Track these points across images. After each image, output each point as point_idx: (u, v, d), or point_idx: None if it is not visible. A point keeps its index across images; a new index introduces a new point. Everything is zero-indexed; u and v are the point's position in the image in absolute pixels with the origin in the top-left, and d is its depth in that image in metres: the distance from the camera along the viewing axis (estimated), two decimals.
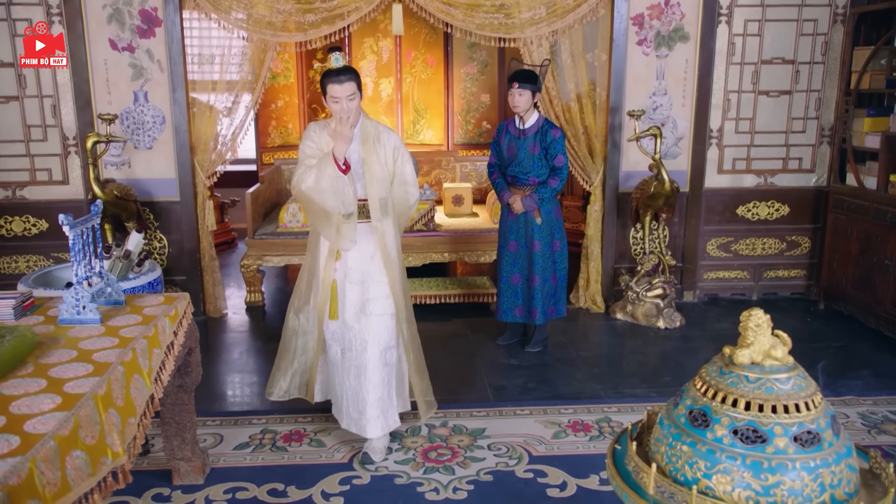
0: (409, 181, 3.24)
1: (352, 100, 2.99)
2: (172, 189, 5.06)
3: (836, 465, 1.67)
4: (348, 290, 3.17)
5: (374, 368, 3.14)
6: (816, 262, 5.55)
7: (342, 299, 3.18)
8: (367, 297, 3.16)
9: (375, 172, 3.11)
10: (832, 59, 5.27)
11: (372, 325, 3.15)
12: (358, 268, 3.16)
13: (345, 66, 2.99)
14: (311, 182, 3.01)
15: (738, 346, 1.84)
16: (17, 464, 1.54)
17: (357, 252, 3.16)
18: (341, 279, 3.17)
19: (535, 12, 4.94)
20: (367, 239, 3.16)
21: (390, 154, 3.18)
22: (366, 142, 3.11)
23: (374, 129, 3.16)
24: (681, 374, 4.12)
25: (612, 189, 5.29)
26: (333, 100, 2.98)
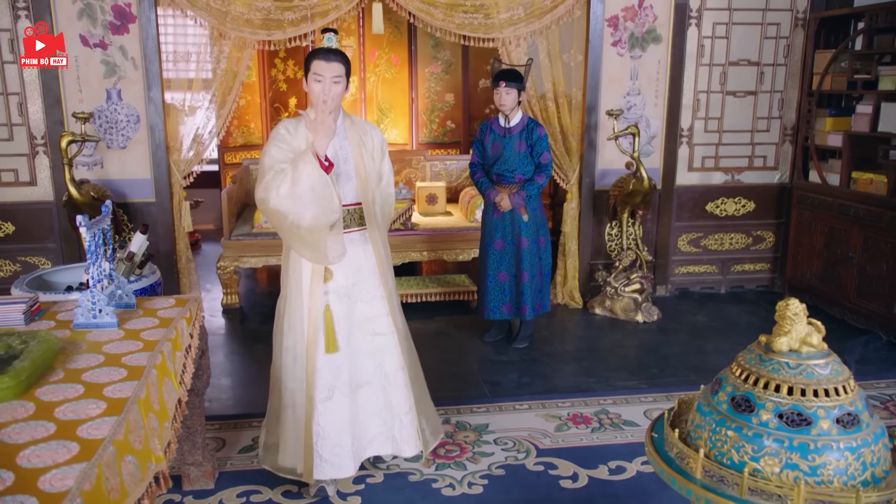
0: (391, 181, 2.95)
1: (336, 83, 2.60)
2: (147, 190, 4.93)
3: (874, 445, 1.77)
4: (341, 312, 2.75)
5: (398, 383, 2.85)
6: (780, 255, 5.79)
7: (342, 325, 2.75)
8: (366, 316, 2.79)
9: (367, 171, 2.77)
10: (794, 61, 5.50)
11: (379, 346, 2.83)
12: (349, 284, 2.76)
13: (337, 49, 2.66)
14: (285, 188, 2.50)
15: (774, 334, 1.91)
16: (87, 469, 1.51)
17: (348, 266, 2.74)
18: (334, 301, 2.73)
19: (513, 13, 5.01)
20: (359, 250, 2.78)
21: (378, 151, 2.85)
22: (351, 137, 2.75)
23: (359, 124, 2.84)
24: (666, 366, 4.25)
25: (589, 187, 5.40)
26: (316, 77, 2.59)
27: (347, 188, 2.74)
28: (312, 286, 2.71)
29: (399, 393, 2.87)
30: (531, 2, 4.99)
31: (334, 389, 2.75)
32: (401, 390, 2.87)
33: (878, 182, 4.70)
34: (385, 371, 2.85)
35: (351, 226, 2.77)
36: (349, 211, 2.75)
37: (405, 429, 2.88)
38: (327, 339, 2.72)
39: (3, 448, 1.59)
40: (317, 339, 2.72)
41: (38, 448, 1.59)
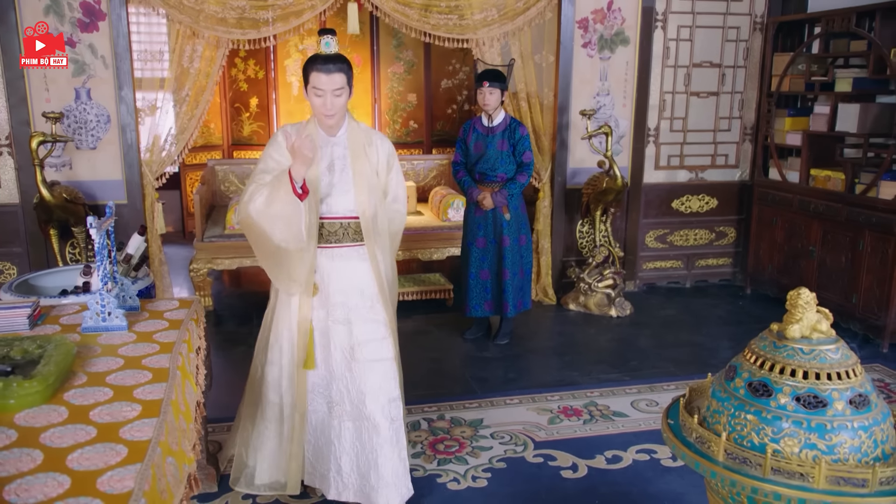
0: (400, 198, 2.75)
1: (338, 95, 2.47)
2: (119, 191, 4.82)
3: (884, 423, 1.89)
4: (333, 332, 2.60)
5: (380, 427, 2.57)
6: (741, 250, 6.01)
7: (325, 344, 2.62)
8: (358, 340, 2.60)
9: (368, 183, 2.57)
10: (753, 63, 5.73)
11: (367, 373, 2.59)
12: (343, 303, 2.60)
13: (336, 54, 2.49)
14: (259, 204, 2.44)
15: (785, 322, 2.02)
16: (143, 470, 1.50)
17: (338, 282, 2.60)
18: (322, 318, 2.61)
19: (487, 14, 5.08)
20: (352, 266, 2.60)
21: (384, 162, 2.66)
22: (354, 146, 2.58)
23: (364, 133, 2.65)
24: (645, 359, 4.38)
25: (561, 185, 5.52)
26: (316, 92, 2.47)
27: (343, 200, 2.57)
28: (301, 301, 2.60)
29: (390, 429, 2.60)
30: (504, 3, 5.07)
31: (321, 402, 2.67)
32: (393, 426, 2.61)
33: (836, 179, 4.94)
34: (377, 403, 2.59)
35: (344, 240, 2.60)
36: (342, 224, 2.59)
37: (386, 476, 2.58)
38: (307, 356, 2.61)
39: (50, 452, 1.56)
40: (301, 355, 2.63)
41: (84, 451, 1.57)
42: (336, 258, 2.60)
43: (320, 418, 2.67)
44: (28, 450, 1.57)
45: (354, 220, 2.60)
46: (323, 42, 2.51)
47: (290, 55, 8.08)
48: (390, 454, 2.58)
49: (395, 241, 2.80)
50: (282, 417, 2.70)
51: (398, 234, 2.81)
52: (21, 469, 1.49)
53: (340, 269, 2.60)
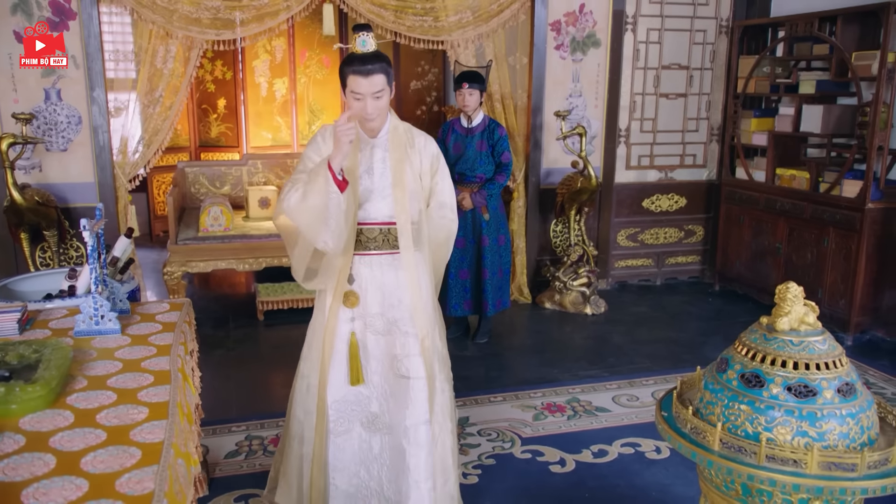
0: (447, 203, 2.53)
1: (378, 98, 2.28)
2: (91, 194, 4.73)
3: (868, 410, 1.98)
4: (371, 343, 2.45)
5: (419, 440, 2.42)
6: (709, 248, 6.16)
7: (365, 356, 2.45)
8: (396, 353, 2.45)
9: (407, 187, 2.39)
10: (719, 65, 5.88)
11: (406, 390, 2.43)
12: (381, 314, 2.44)
13: (374, 52, 2.27)
14: (294, 199, 2.27)
15: (774, 315, 2.09)
16: (160, 471, 1.50)
17: (377, 292, 2.44)
18: (360, 330, 2.44)
19: (461, 16, 5.12)
20: (390, 275, 2.44)
21: (427, 165, 2.48)
22: (396, 147, 2.40)
23: (406, 133, 2.45)
24: (622, 355, 4.47)
25: (535, 185, 5.59)
26: (355, 96, 2.27)
27: (381, 205, 2.40)
28: (332, 307, 2.44)
29: (420, 454, 2.42)
30: (479, 5, 5.12)
31: (353, 422, 2.46)
32: (423, 451, 2.42)
33: (801, 178, 5.10)
34: (407, 423, 2.42)
35: (383, 247, 2.43)
36: (381, 230, 2.42)
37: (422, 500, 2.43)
38: (352, 370, 2.43)
39: (62, 456, 1.55)
40: (329, 369, 2.44)
41: (97, 454, 1.56)
42: (375, 266, 2.43)
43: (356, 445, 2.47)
44: (39, 454, 1.56)
45: (391, 226, 2.42)
46: (359, 40, 2.28)
47: (258, 56, 8.02)
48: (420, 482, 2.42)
49: (441, 251, 2.61)
50: (303, 437, 2.49)
51: (445, 245, 2.60)
52: (35, 473, 1.48)
53: (379, 278, 2.43)
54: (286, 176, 6.61)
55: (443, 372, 2.52)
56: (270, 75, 8.12)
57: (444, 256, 2.65)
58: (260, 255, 5.19)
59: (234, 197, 6.35)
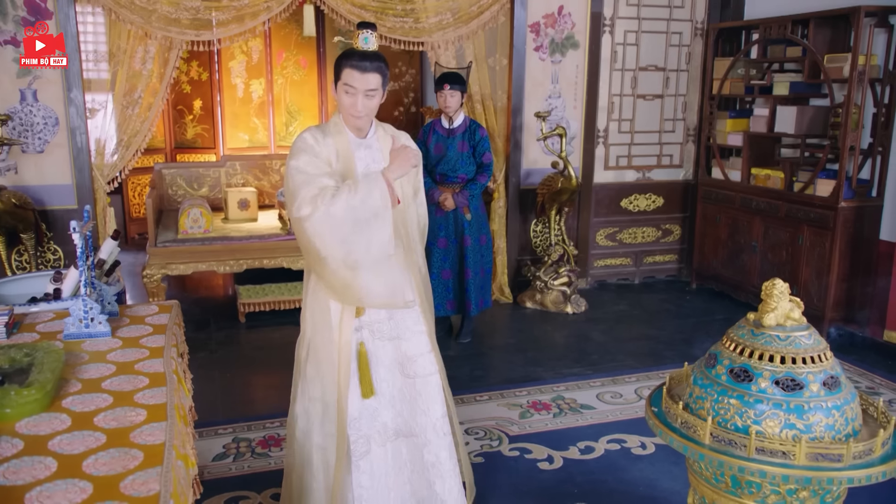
0: (423, 199, 2.58)
1: (370, 97, 2.24)
2: (69, 196, 4.67)
3: (853, 402, 2.04)
4: (379, 351, 2.39)
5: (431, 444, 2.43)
6: (686, 247, 6.26)
7: (374, 365, 2.37)
8: (407, 356, 2.41)
9: (403, 189, 2.40)
10: (694, 67, 5.97)
11: (421, 389, 2.42)
12: (390, 318, 2.39)
13: (375, 51, 2.26)
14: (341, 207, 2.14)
15: (761, 311, 2.15)
16: (164, 472, 1.50)
17: None
18: (368, 339, 2.38)
19: (442, 17, 5.14)
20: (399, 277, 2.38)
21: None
22: (386, 149, 2.39)
23: (392, 134, 2.43)
24: (605, 353, 4.52)
25: (515, 186, 5.63)
26: (347, 89, 2.22)
27: None
28: (343, 321, 2.33)
29: (443, 446, 2.45)
30: (459, 7, 5.15)
31: (370, 440, 2.38)
32: (444, 443, 2.46)
33: (776, 177, 5.21)
34: (430, 420, 2.43)
35: None
36: None
37: (451, 490, 2.46)
38: (363, 383, 2.34)
39: (63, 459, 1.54)
40: (349, 384, 2.33)
41: (99, 456, 1.56)
42: None
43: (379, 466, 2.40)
44: (39, 458, 1.55)
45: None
46: (361, 37, 2.26)
47: (234, 57, 7.96)
48: (447, 473, 2.45)
49: (423, 242, 2.60)
50: (329, 463, 2.34)
51: (424, 236, 2.61)
52: (37, 477, 1.47)
53: None
54: (265, 177, 6.58)
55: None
56: (247, 76, 8.07)
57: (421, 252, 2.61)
58: (241, 257, 5.16)
59: (212, 199, 6.30)
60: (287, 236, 5.23)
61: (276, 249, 5.21)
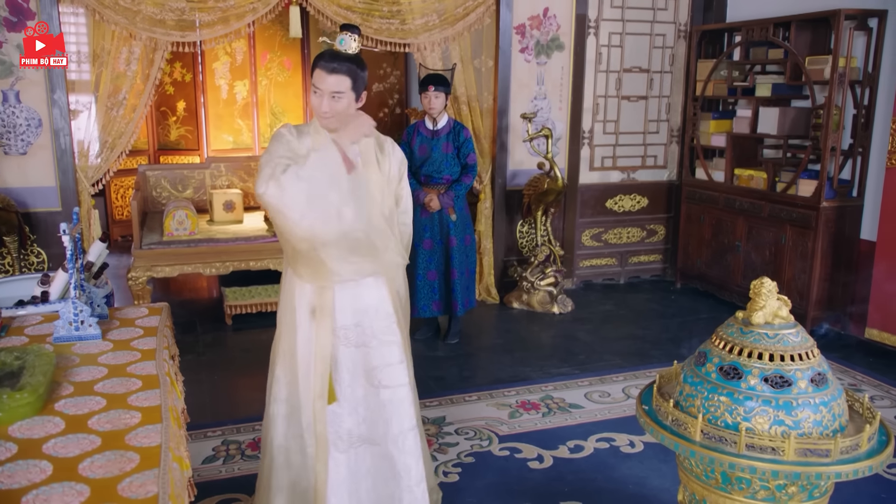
0: (408, 210, 2.50)
1: (336, 99, 2.21)
2: (52, 198, 4.63)
3: (839, 398, 2.07)
4: (342, 356, 2.36)
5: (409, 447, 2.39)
6: (671, 247, 6.31)
7: (335, 370, 2.35)
8: (374, 365, 2.37)
9: (379, 192, 2.35)
10: (678, 69, 6.03)
11: (386, 400, 2.38)
12: (356, 325, 2.36)
13: (347, 53, 2.23)
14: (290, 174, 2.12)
15: (749, 309, 2.18)
16: (161, 474, 1.50)
17: (355, 303, 2.35)
18: (343, 339, 2.37)
19: (428, 19, 5.15)
20: (370, 284, 2.37)
21: (395, 170, 2.42)
22: (366, 154, 2.34)
23: (375, 140, 2.39)
24: (592, 352, 4.55)
25: (501, 187, 5.65)
26: (314, 90, 2.23)
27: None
28: (319, 324, 2.33)
29: (410, 459, 2.40)
30: (445, 9, 5.16)
31: (331, 444, 2.38)
32: (412, 456, 2.40)
33: (759, 178, 5.27)
34: (392, 432, 2.39)
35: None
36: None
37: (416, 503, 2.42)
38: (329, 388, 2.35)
39: (58, 462, 1.54)
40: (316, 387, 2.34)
41: (94, 459, 1.55)
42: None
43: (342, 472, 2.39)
44: (34, 461, 1.54)
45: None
46: (339, 38, 2.24)
47: (218, 58, 7.93)
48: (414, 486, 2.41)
49: (404, 252, 2.51)
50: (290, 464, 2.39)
51: (408, 246, 2.53)
52: (33, 480, 1.46)
53: (352, 287, 2.35)
54: (250, 179, 6.55)
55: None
56: (231, 77, 8.04)
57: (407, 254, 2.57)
58: (227, 259, 5.14)
59: (197, 200, 6.27)
60: (273, 238, 5.21)
61: (262, 251, 5.19)
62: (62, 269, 2.70)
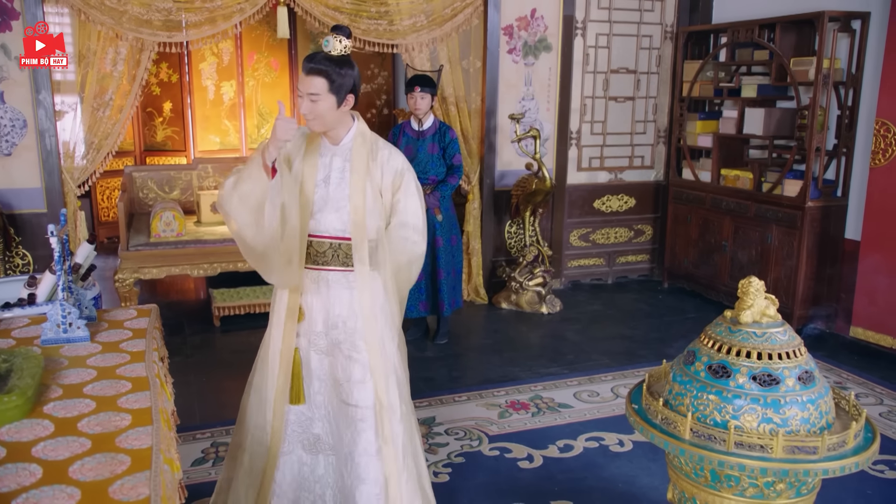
0: (410, 223, 2.32)
1: (313, 100, 2.17)
2: (38, 200, 4.59)
3: (826, 396, 2.10)
4: (314, 362, 2.34)
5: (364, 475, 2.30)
6: (658, 247, 6.35)
7: (307, 375, 2.34)
8: (339, 378, 2.33)
9: (364, 201, 2.25)
10: (664, 70, 6.07)
11: (352, 418, 2.31)
12: (325, 333, 2.32)
13: (328, 56, 2.18)
14: (228, 184, 2.22)
15: (738, 309, 2.19)
16: (153, 476, 1.49)
17: (323, 310, 2.32)
18: (304, 347, 2.34)
19: (416, 20, 5.16)
20: (340, 294, 2.30)
21: (388, 180, 2.30)
22: (357, 159, 2.26)
23: (371, 143, 2.31)
24: (580, 352, 4.57)
25: (489, 188, 5.66)
26: (298, 91, 2.23)
27: (333, 218, 2.27)
28: (286, 325, 2.34)
29: (368, 487, 2.28)
30: (433, 10, 5.17)
31: (297, 444, 2.39)
32: (372, 484, 2.28)
33: (745, 178, 5.31)
34: (350, 453, 2.32)
35: (332, 263, 2.29)
36: (331, 245, 2.29)
37: None
38: (292, 389, 2.34)
39: (48, 465, 1.52)
40: (286, 387, 2.35)
41: (85, 462, 1.54)
42: (321, 282, 2.31)
43: (295, 469, 2.39)
44: (24, 464, 1.53)
45: (346, 241, 2.28)
46: (325, 39, 2.22)
47: (204, 59, 7.89)
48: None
49: (403, 274, 2.38)
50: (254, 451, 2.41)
51: (408, 268, 2.38)
52: (22, 483, 1.45)
53: (325, 295, 2.31)
54: None
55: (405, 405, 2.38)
56: (218, 78, 8.00)
57: (407, 280, 2.43)
58: (215, 261, 5.12)
59: (184, 202, 6.23)
60: None
61: None
62: (49, 270, 2.68)
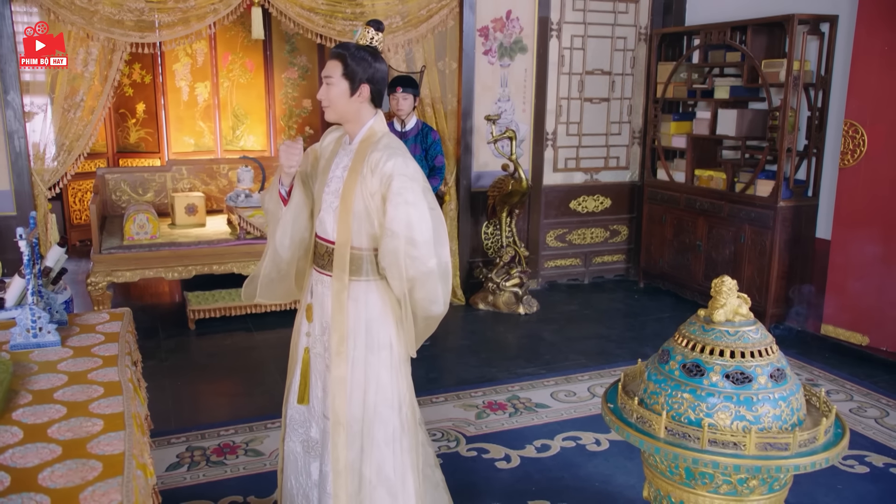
0: (397, 232, 2.07)
1: (327, 84, 2.12)
2: (7, 202, 4.52)
3: (798, 393, 2.13)
4: (315, 365, 2.32)
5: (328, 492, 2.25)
6: (634, 247, 6.40)
7: (315, 376, 2.32)
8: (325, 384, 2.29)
9: (351, 204, 2.14)
10: (639, 71, 6.12)
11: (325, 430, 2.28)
12: (320, 337, 2.29)
13: (351, 43, 2.14)
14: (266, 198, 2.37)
15: (711, 308, 2.22)
16: (125, 482, 1.47)
17: (322, 316, 2.28)
18: (312, 346, 2.32)
19: (391, 21, 5.15)
20: (328, 302, 2.24)
21: (376, 185, 2.10)
22: (356, 157, 2.16)
23: (371, 147, 2.15)
24: (557, 352, 4.59)
25: (466, 189, 5.67)
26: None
27: (328, 220, 2.22)
28: (299, 321, 2.39)
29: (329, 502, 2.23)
30: (408, 11, 5.16)
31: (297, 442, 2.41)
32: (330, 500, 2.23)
33: (718, 178, 5.38)
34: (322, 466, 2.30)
35: (327, 267, 2.23)
36: (326, 249, 2.24)
37: None
38: (300, 388, 2.33)
39: (16, 473, 1.50)
40: (292, 382, 2.39)
41: (55, 469, 1.52)
42: (321, 285, 2.27)
43: (293, 460, 2.42)
44: None
45: (331, 245, 2.22)
46: (354, 29, 2.21)
47: (178, 59, 7.80)
48: None
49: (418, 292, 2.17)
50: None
51: (422, 284, 2.14)
52: None
53: (321, 298, 2.27)
54: (212, 182, 6.47)
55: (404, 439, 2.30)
56: (192, 79, 7.91)
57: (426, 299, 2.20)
58: (189, 263, 5.06)
59: (157, 204, 6.17)
60: (237, 241, 5.15)
61: (225, 255, 5.13)
62: (19, 274, 2.63)
